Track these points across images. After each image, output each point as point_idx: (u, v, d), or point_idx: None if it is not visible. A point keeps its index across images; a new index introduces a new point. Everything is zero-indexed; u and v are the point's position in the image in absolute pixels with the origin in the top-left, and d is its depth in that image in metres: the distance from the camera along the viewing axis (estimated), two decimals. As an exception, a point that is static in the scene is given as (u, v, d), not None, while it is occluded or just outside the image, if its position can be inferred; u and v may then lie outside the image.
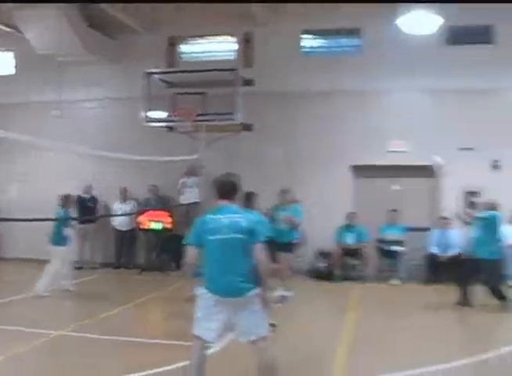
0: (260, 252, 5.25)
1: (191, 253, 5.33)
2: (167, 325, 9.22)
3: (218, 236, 5.22)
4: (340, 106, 14.21)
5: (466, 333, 9.06)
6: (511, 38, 13.38)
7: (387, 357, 6.97)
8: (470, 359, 6.83)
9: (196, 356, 5.20)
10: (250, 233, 5.24)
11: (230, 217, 5.29)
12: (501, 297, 10.28)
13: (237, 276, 5.17)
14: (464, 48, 13.77)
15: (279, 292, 10.41)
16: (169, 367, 6.31)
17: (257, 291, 5.26)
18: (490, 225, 10.45)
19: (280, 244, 10.34)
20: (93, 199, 14.78)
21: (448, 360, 6.70)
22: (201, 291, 5.28)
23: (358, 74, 13.84)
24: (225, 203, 5.42)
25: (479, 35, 13.88)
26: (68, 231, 11.08)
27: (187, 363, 5.28)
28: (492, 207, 10.65)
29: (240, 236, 5.22)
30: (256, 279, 5.26)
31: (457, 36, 13.94)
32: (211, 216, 5.35)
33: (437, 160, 11.90)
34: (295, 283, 11.01)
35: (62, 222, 11.01)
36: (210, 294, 5.22)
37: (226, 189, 5.46)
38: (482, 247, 10.27)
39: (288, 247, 10.63)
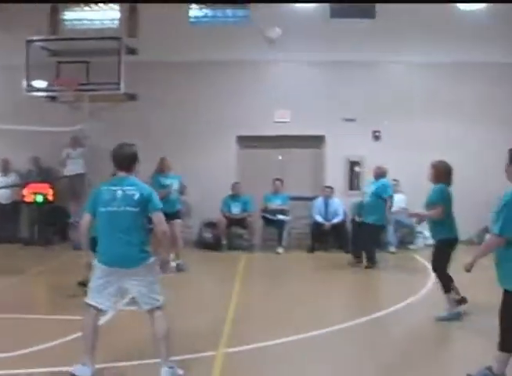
0: (160, 222, 5.35)
1: (83, 221, 5.39)
2: (53, 299, 8.97)
3: (109, 209, 5.25)
4: (226, 76, 14.22)
5: (350, 297, 9.42)
6: (391, 13, 13.74)
7: (272, 324, 7.14)
8: (347, 324, 7.10)
9: (88, 325, 5.26)
10: (145, 204, 5.29)
11: (124, 189, 5.30)
12: (372, 261, 11.13)
13: (128, 247, 5.22)
14: (347, 21, 14.03)
15: (174, 262, 10.63)
16: (57, 342, 6.19)
17: (151, 260, 5.33)
18: (379, 193, 11.03)
19: (168, 214, 10.45)
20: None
21: (329, 325, 6.96)
22: (95, 262, 5.30)
23: (245, 44, 13.83)
24: (122, 174, 5.42)
25: (361, 9, 14.17)
26: None
27: (78, 335, 5.39)
28: (382, 174, 11.25)
29: (133, 209, 5.25)
30: (149, 249, 5.34)
31: (340, 9, 14.18)
32: (106, 187, 5.36)
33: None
34: (183, 253, 11.05)
35: None
36: (102, 265, 5.26)
37: (123, 160, 5.46)
38: (370, 213, 10.96)
39: (176, 215, 10.87)
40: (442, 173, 7.62)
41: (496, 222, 4.94)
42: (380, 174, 11.42)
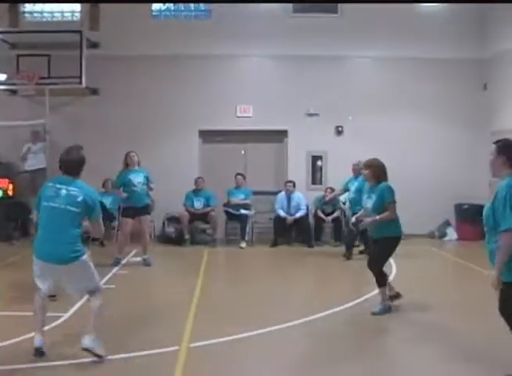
0: (97, 230, 5.83)
1: (35, 215, 5.80)
2: (13, 295, 8.84)
3: (51, 204, 5.44)
4: (189, 70, 14.16)
5: (311, 291, 9.46)
6: (355, 9, 13.88)
7: (234, 319, 7.14)
8: (307, 318, 7.11)
9: (37, 302, 5.57)
10: (88, 210, 5.55)
11: (69, 189, 5.49)
12: (350, 252, 11.43)
13: (62, 245, 5.38)
14: (310, 16, 14.13)
15: (141, 256, 10.82)
16: (15, 340, 6.04)
17: (83, 257, 5.53)
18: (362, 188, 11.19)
19: (137, 209, 10.75)
20: None
21: (289, 320, 6.96)
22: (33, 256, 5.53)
23: (207, 38, 13.84)
24: (69, 177, 5.61)
25: (324, 5, 14.29)
26: None
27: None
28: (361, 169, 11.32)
29: (73, 209, 5.44)
30: (81, 246, 5.56)
31: (303, 5, 14.27)
32: (52, 184, 5.59)
33: None
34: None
35: None
36: (36, 260, 5.47)
37: (70, 166, 5.63)
38: (354, 207, 10.80)
39: (147, 209, 11.05)
40: (381, 171, 7.43)
41: (504, 218, 4.57)
42: (359, 170, 11.31)
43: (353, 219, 8.15)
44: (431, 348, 5.96)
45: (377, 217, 7.23)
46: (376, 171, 7.39)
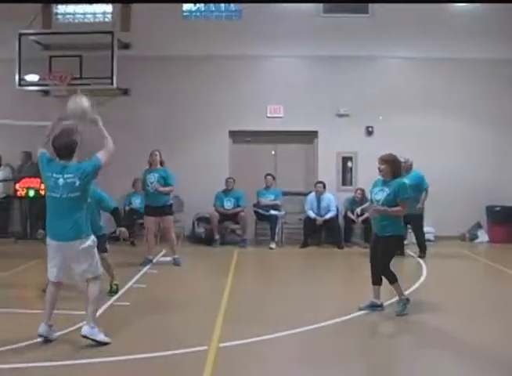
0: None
1: None
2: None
3: (53, 194, 5.79)
4: (220, 70, 14.21)
5: (342, 292, 9.33)
6: (386, 8, 13.75)
7: (264, 319, 7.11)
8: (339, 319, 7.08)
9: (48, 293, 6.00)
10: (86, 181, 5.85)
11: (65, 177, 5.77)
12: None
13: (68, 226, 5.77)
14: (340, 16, 14.04)
15: (170, 257, 10.80)
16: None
17: (88, 240, 5.90)
18: (418, 185, 11.25)
19: (156, 208, 10.60)
20: (-36, 165, 14.14)
21: (321, 321, 6.93)
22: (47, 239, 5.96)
23: (238, 38, 13.82)
24: (63, 162, 5.86)
25: (355, 5, 14.19)
26: None
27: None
28: (410, 167, 11.39)
29: (74, 195, 5.78)
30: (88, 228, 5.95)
31: (334, 5, 14.19)
32: (49, 173, 5.85)
33: None
34: (176, 248, 10.99)
35: None
36: (49, 240, 5.89)
37: (62, 149, 5.87)
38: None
39: (165, 209, 10.72)
40: (398, 167, 7.43)
41: None
42: (407, 168, 11.15)
43: (358, 210, 8.01)
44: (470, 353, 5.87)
45: (388, 209, 7.19)
46: (393, 167, 7.35)
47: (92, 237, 5.98)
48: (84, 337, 5.76)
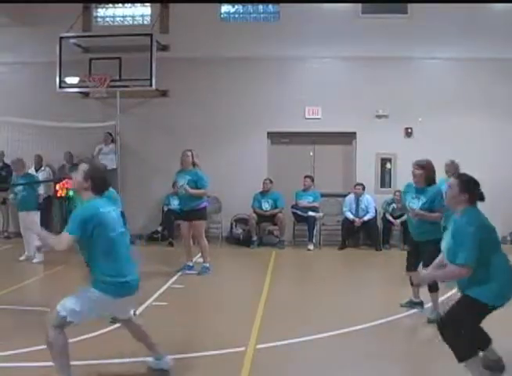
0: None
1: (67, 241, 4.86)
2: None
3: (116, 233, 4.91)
4: (259, 72, 14.18)
5: (381, 295, 9.26)
6: (424, 9, 13.61)
7: (302, 321, 7.10)
8: (377, 322, 7.02)
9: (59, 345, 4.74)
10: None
11: (114, 209, 5.06)
12: None
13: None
14: (379, 17, 13.93)
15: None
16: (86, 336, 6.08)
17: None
18: None
19: (187, 212, 10.08)
20: (6, 167, 14.33)
21: (359, 323, 6.88)
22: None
23: (276, 40, 13.80)
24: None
25: (394, 5, 14.06)
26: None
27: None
28: (457, 168, 10.88)
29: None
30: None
31: (373, 5, 14.09)
32: (102, 209, 4.87)
33: None
34: (214, 249, 11.01)
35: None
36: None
37: (104, 186, 5.02)
38: None
39: (196, 214, 10.04)
40: (433, 174, 7.22)
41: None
42: (453, 170, 10.86)
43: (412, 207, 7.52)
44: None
45: (426, 213, 7.05)
46: (429, 173, 7.18)
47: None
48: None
